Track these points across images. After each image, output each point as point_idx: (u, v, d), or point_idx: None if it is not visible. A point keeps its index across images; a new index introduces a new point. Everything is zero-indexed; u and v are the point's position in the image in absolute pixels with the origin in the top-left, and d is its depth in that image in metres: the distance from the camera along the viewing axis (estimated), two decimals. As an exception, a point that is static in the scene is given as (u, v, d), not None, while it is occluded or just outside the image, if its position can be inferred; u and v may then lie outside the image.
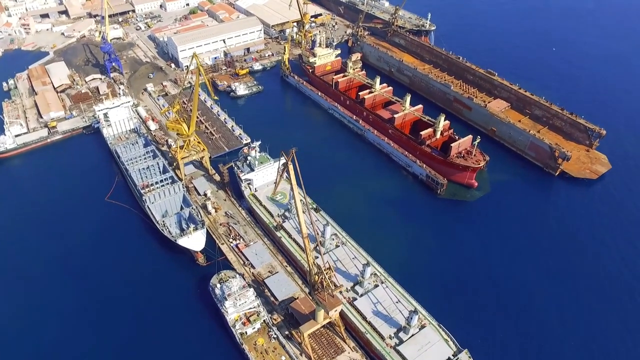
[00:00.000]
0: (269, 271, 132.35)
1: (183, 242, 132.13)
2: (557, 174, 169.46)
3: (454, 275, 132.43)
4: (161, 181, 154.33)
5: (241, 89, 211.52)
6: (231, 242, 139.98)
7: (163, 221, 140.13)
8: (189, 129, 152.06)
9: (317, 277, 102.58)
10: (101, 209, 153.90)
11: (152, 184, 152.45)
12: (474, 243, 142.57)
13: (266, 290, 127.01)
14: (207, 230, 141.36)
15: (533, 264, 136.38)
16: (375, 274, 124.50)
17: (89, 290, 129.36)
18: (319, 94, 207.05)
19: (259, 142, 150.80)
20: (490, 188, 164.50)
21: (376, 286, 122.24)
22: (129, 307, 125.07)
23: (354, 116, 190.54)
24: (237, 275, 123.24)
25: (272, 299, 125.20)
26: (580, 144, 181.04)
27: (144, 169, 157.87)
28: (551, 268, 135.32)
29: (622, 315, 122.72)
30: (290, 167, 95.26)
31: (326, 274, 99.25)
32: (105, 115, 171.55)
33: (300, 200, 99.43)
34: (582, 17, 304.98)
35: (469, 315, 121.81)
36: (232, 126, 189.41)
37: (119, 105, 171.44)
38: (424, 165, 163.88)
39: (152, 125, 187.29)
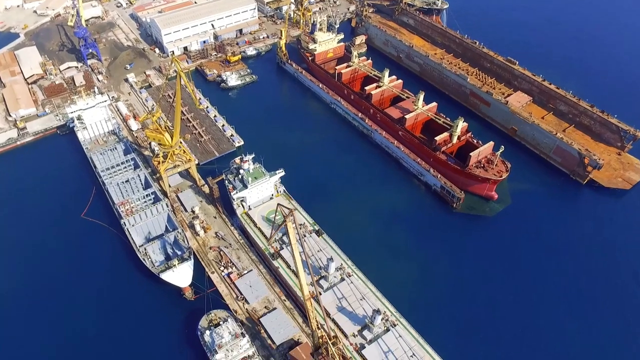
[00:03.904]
0: (265, 307, 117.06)
1: (167, 276, 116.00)
2: (585, 182, 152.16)
3: (473, 312, 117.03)
4: (143, 197, 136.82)
5: (233, 80, 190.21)
6: (222, 271, 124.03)
7: (145, 248, 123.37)
8: (172, 139, 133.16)
9: (321, 340, 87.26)
10: (76, 228, 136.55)
11: (132, 202, 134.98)
12: (496, 270, 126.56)
13: (262, 331, 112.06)
14: (195, 255, 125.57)
15: (564, 294, 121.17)
16: (386, 316, 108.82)
17: (57, 329, 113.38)
18: (320, 85, 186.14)
19: (252, 156, 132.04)
20: (511, 199, 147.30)
21: (387, 330, 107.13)
22: (105, 348, 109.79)
23: (360, 113, 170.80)
24: (229, 318, 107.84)
25: (269, 341, 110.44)
26: (611, 146, 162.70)
27: (123, 182, 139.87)
28: (587, 297, 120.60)
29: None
30: (290, 227, 76.68)
31: (332, 342, 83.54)
32: (79, 117, 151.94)
33: (305, 271, 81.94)
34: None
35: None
36: (223, 125, 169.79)
37: (94, 106, 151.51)
38: (439, 175, 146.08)
39: (134, 125, 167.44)
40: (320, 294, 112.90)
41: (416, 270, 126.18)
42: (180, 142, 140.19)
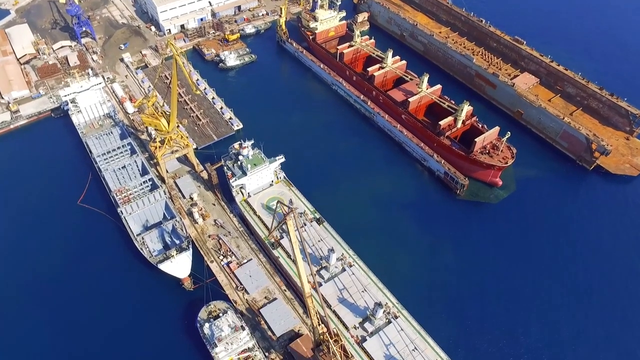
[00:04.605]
0: (265, 297, 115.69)
1: (165, 267, 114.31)
2: (591, 168, 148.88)
3: (476, 302, 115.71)
4: (140, 184, 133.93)
5: (231, 59, 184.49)
6: (222, 260, 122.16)
7: (142, 237, 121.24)
8: (168, 124, 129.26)
9: (322, 337, 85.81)
10: (72, 215, 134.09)
11: (129, 189, 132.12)
12: (500, 259, 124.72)
13: (262, 322, 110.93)
14: (194, 244, 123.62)
15: (570, 282, 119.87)
16: (388, 307, 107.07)
17: (52, 319, 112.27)
18: (321, 65, 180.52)
19: (252, 142, 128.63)
20: (515, 186, 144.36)
21: (389, 322, 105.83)
22: (102, 339, 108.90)
23: (362, 95, 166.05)
24: (229, 310, 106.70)
25: (269, 332, 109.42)
26: (619, 130, 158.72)
27: (119, 168, 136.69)
28: (593, 286, 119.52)
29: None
30: (291, 226, 73.96)
31: (335, 341, 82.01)
32: (74, 100, 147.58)
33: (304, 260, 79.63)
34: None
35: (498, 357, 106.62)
36: (222, 108, 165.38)
37: (88, 89, 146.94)
38: (442, 161, 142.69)
39: (130, 107, 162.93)
40: (321, 285, 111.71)
41: (418, 260, 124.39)
42: (177, 127, 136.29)
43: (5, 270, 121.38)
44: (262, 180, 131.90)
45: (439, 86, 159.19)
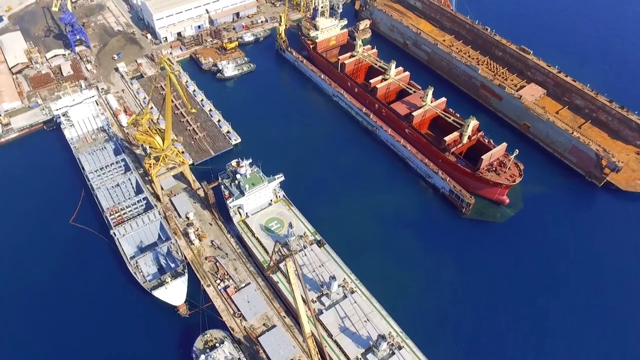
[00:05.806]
0: (263, 324, 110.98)
1: (160, 294, 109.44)
2: (601, 184, 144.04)
3: (484, 329, 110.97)
4: (134, 204, 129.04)
5: (229, 69, 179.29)
6: (218, 284, 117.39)
7: (136, 261, 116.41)
8: (163, 142, 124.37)
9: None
10: (64, 235, 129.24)
11: (122, 208, 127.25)
12: (509, 282, 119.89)
13: (261, 351, 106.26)
14: (190, 266, 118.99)
15: (581, 305, 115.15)
16: (391, 337, 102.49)
17: (41, 347, 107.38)
18: (322, 76, 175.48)
19: (249, 160, 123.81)
20: (522, 204, 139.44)
21: (392, 354, 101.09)
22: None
23: (364, 108, 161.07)
24: (226, 340, 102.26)
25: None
26: (629, 145, 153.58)
27: (113, 187, 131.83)
28: (605, 308, 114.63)
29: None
30: (291, 268, 69.12)
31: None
32: (66, 114, 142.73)
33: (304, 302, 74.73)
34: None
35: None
36: (219, 121, 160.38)
37: (80, 102, 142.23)
38: (448, 178, 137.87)
39: (125, 120, 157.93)
40: (321, 312, 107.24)
41: (423, 283, 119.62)
42: (172, 143, 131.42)
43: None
44: (260, 200, 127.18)
45: (443, 99, 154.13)
